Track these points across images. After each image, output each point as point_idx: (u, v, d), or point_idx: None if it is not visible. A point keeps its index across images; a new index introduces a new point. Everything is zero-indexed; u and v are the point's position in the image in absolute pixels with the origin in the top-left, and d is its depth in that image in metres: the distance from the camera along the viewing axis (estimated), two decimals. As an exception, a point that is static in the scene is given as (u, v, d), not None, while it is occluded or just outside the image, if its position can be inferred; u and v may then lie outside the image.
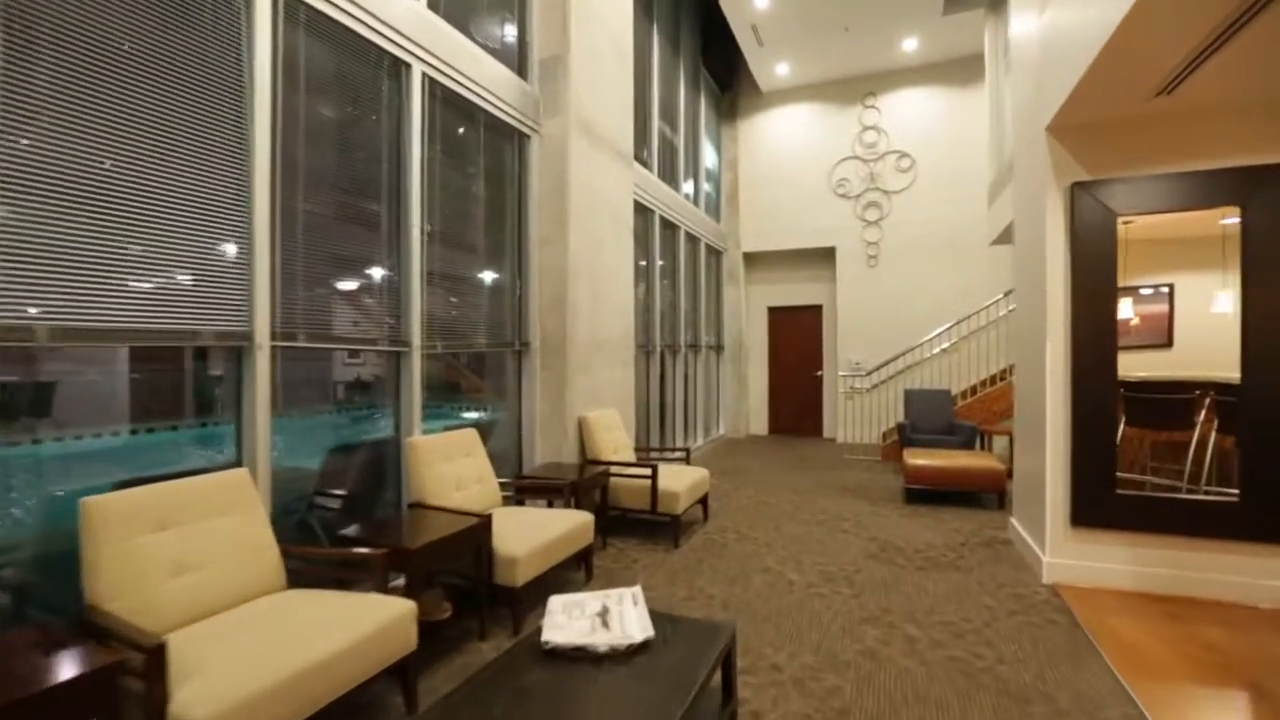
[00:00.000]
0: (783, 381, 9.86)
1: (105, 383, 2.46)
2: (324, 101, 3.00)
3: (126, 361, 2.45)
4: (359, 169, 3.21)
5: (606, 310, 5.05)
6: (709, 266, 9.07)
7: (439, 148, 3.74)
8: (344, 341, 3.07)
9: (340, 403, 3.61)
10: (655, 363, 6.91)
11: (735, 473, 6.78)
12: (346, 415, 3.51)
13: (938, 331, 7.80)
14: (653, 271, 6.88)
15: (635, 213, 6.38)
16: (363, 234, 3.23)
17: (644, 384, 6.85)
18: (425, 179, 3.57)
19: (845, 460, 7.52)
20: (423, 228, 3.52)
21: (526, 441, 4.54)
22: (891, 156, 8.85)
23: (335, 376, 3.53)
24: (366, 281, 3.25)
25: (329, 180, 3.04)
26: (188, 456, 2.62)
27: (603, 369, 4.97)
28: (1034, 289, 3.79)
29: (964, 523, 4.72)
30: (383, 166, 3.33)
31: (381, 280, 3.33)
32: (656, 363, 6.94)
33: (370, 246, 3.27)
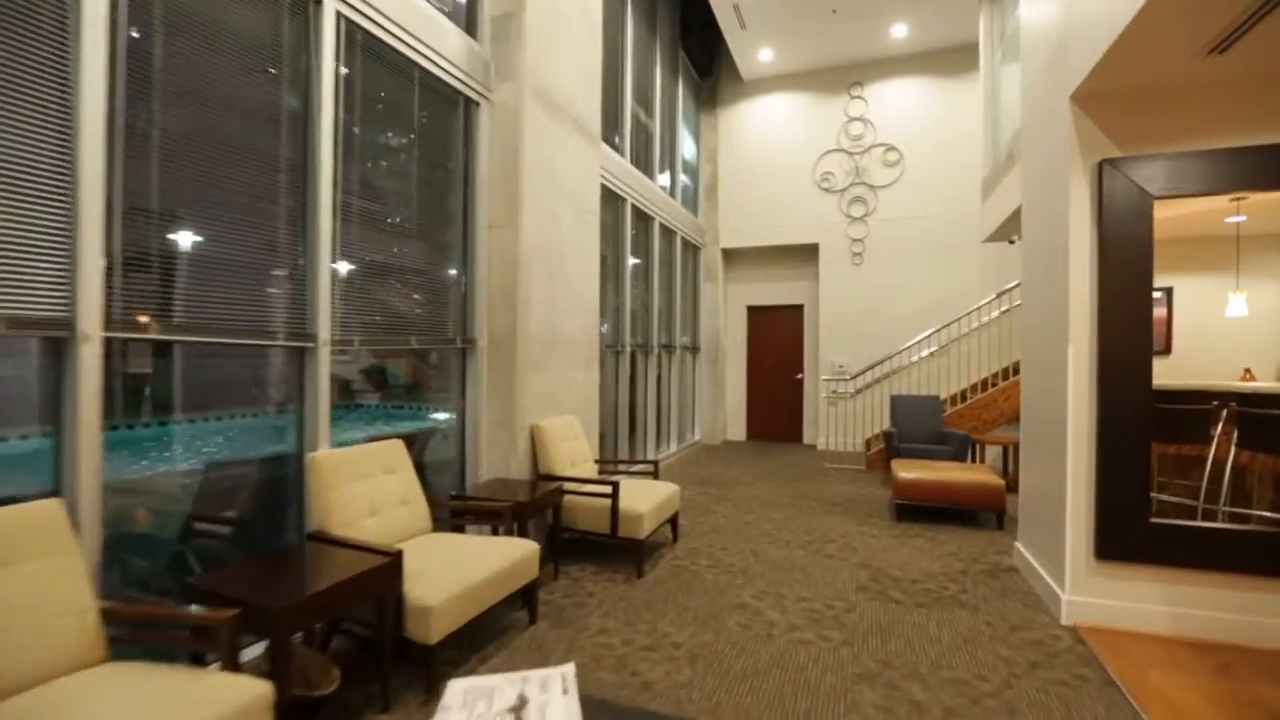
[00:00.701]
0: (762, 385, 9.38)
1: None
2: (192, 44, 2.40)
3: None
4: (246, 129, 2.61)
5: (566, 304, 4.49)
6: (685, 262, 8.55)
7: (361, 109, 3.15)
8: (218, 333, 2.47)
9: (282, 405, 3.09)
10: (625, 364, 6.36)
11: (710, 483, 6.26)
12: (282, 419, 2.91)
13: (926, 334, 7.36)
14: (623, 265, 6.33)
15: (604, 200, 5.83)
16: (253, 206, 2.63)
17: (612, 387, 6.29)
18: (340, 146, 2.98)
19: (828, 470, 7.05)
20: (336, 203, 2.93)
21: (471, 453, 3.95)
22: (878, 149, 8.41)
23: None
24: (257, 262, 2.65)
25: (197, 140, 2.44)
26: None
27: (561, 370, 4.41)
28: (1049, 284, 3.31)
29: (962, 545, 4.24)
30: (282, 129, 2.74)
31: (280, 262, 2.73)
32: (627, 364, 6.40)
33: (262, 221, 2.67)
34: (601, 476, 4.14)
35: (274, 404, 2.85)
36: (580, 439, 4.34)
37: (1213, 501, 3.65)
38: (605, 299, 6.02)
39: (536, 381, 4.09)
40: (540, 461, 3.96)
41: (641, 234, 7.00)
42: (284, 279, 2.73)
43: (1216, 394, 3.91)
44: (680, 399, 8.38)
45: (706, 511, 5.15)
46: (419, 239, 3.58)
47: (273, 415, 2.89)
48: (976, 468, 5.11)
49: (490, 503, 3.17)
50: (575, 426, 4.36)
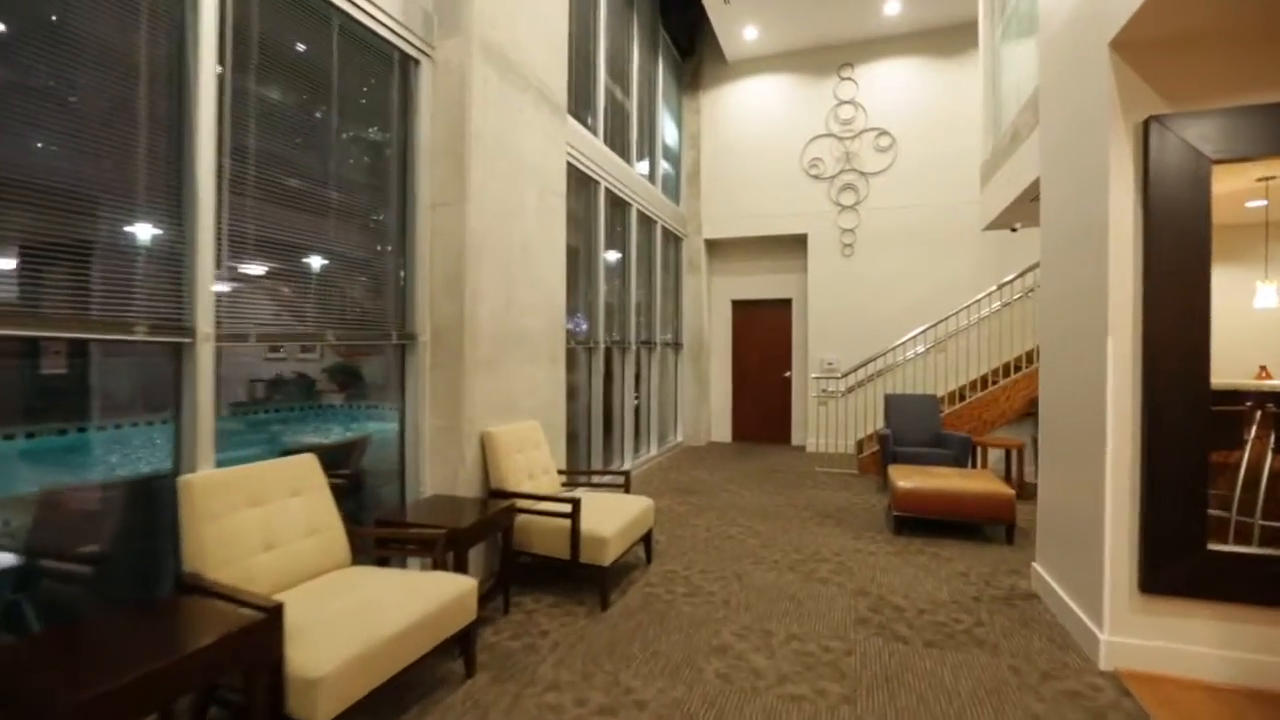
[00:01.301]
0: (748, 383, 8.91)
1: None
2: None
3: None
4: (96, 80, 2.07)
5: (526, 294, 3.98)
6: (666, 253, 8.05)
7: (259, 60, 2.61)
8: (56, 325, 1.92)
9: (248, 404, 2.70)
10: (600, 361, 5.85)
11: (692, 490, 5.77)
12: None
13: (921, 329, 6.91)
14: (596, 255, 5.82)
15: (574, 183, 5.32)
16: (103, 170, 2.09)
17: (585, 386, 5.78)
18: (229, 103, 2.43)
19: (818, 474, 6.58)
20: (221, 172, 2.39)
21: (412, 465, 3.42)
22: (869, 134, 7.95)
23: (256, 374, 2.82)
24: (113, 239, 2.10)
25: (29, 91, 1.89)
26: None
27: (520, 368, 3.89)
28: (1079, 265, 2.85)
29: (971, 564, 3.78)
30: (141, 78, 2.19)
31: (144, 239, 2.19)
32: (601, 361, 5.89)
33: (121, 189, 2.13)
34: (561, 494, 3.62)
35: (148, 412, 2.31)
36: (541, 447, 3.82)
37: (1246, 513, 3.22)
38: (577, 292, 5.51)
39: (489, 382, 3.57)
40: (491, 475, 3.44)
41: (618, 221, 6.48)
42: (150, 260, 2.19)
43: (1251, 394, 3.48)
44: (661, 399, 7.89)
45: (686, 524, 4.65)
46: (343, 217, 3.05)
47: (154, 425, 2.35)
48: (981, 475, 4.66)
49: (420, 530, 2.64)
50: (536, 433, 3.84)
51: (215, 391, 2.33)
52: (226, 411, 2.58)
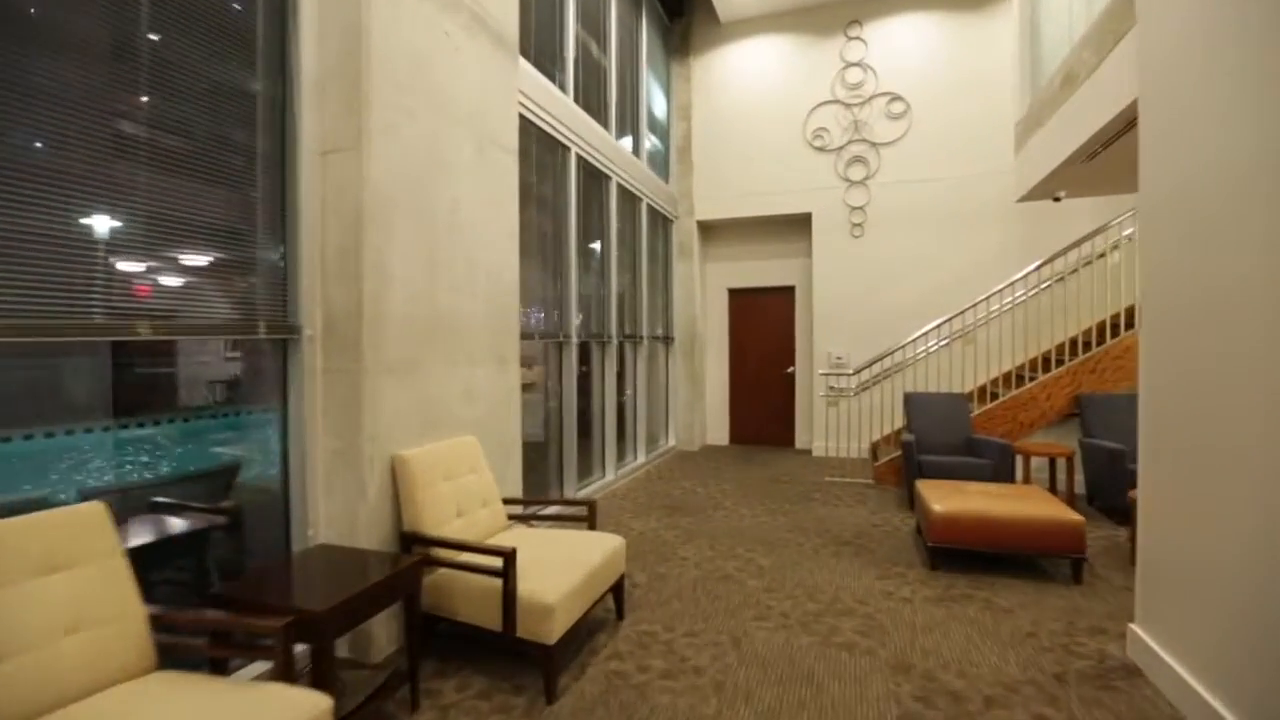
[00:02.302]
0: (747, 380, 8.05)
1: None
2: None
3: None
4: None
5: (459, 274, 3.11)
6: (655, 236, 7.17)
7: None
8: None
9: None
10: (573, 359, 4.98)
11: (681, 507, 4.91)
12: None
13: (945, 319, 6.04)
14: (567, 234, 4.95)
15: (535, 144, 4.44)
16: None
17: (556, 388, 4.92)
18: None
19: (828, 485, 5.73)
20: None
21: (298, 501, 2.56)
22: (880, 100, 7.07)
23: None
24: None
25: None
26: None
27: (450, 370, 3.02)
28: (1228, 202, 1.98)
29: (1038, 618, 2.93)
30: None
31: None
32: (575, 359, 5.02)
33: None
34: (499, 535, 2.75)
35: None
36: (479, 471, 2.95)
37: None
38: (542, 277, 4.64)
39: (402, 388, 2.70)
40: (405, 512, 2.57)
41: (594, 196, 5.61)
42: None
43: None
44: (650, 399, 7.03)
45: (671, 557, 3.80)
46: (176, 164, 2.17)
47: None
48: (1034, 493, 3.80)
49: (252, 619, 1.76)
50: (472, 452, 2.97)
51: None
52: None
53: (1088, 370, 5.32)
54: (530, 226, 4.56)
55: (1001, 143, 6.56)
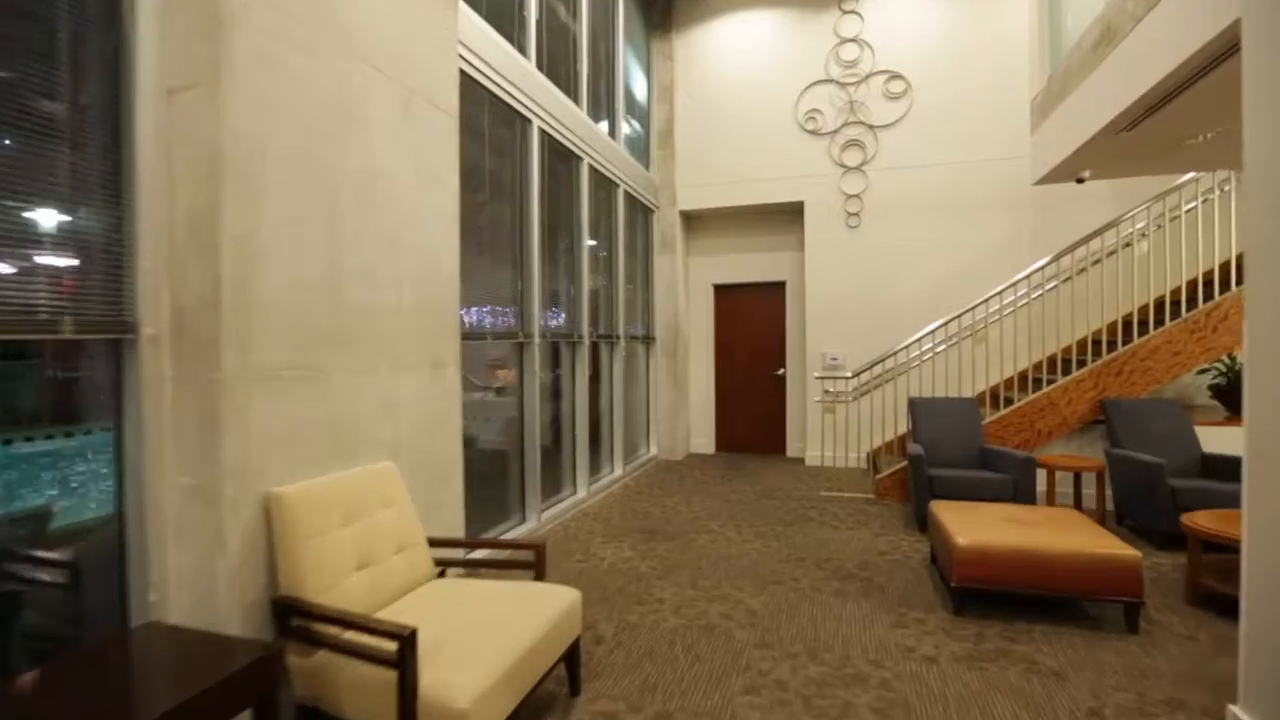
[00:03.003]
0: (734, 383, 7.46)
1: None
2: None
3: None
4: None
5: (377, 258, 2.47)
6: (633, 227, 6.56)
7: None
8: None
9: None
10: (535, 361, 4.35)
11: (660, 531, 4.30)
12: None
13: (953, 316, 5.47)
14: (529, 219, 4.32)
15: (497, 117, 3.82)
16: None
17: (515, 394, 4.29)
18: None
19: (825, 501, 5.15)
20: None
21: (137, 558, 1.92)
22: (878, 79, 6.51)
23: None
24: None
25: None
26: None
27: (358, 378, 2.38)
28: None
29: (1096, 685, 2.35)
30: None
31: None
32: (539, 361, 4.39)
33: None
34: (396, 608, 2.09)
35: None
36: (397, 506, 2.31)
37: None
38: (500, 270, 4.01)
39: (287, 401, 2.06)
40: (282, 570, 1.93)
41: (563, 179, 4.99)
42: None
43: None
44: (628, 404, 6.41)
45: (645, 598, 3.19)
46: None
47: None
48: (1073, 519, 3.23)
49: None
50: (388, 484, 2.33)
51: None
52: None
53: (1112, 373, 4.78)
54: (484, 210, 3.94)
55: (1010, 125, 6.03)
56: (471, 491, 3.55)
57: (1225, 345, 4.62)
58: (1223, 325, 4.62)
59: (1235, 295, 4.59)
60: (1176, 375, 4.72)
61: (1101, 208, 5.67)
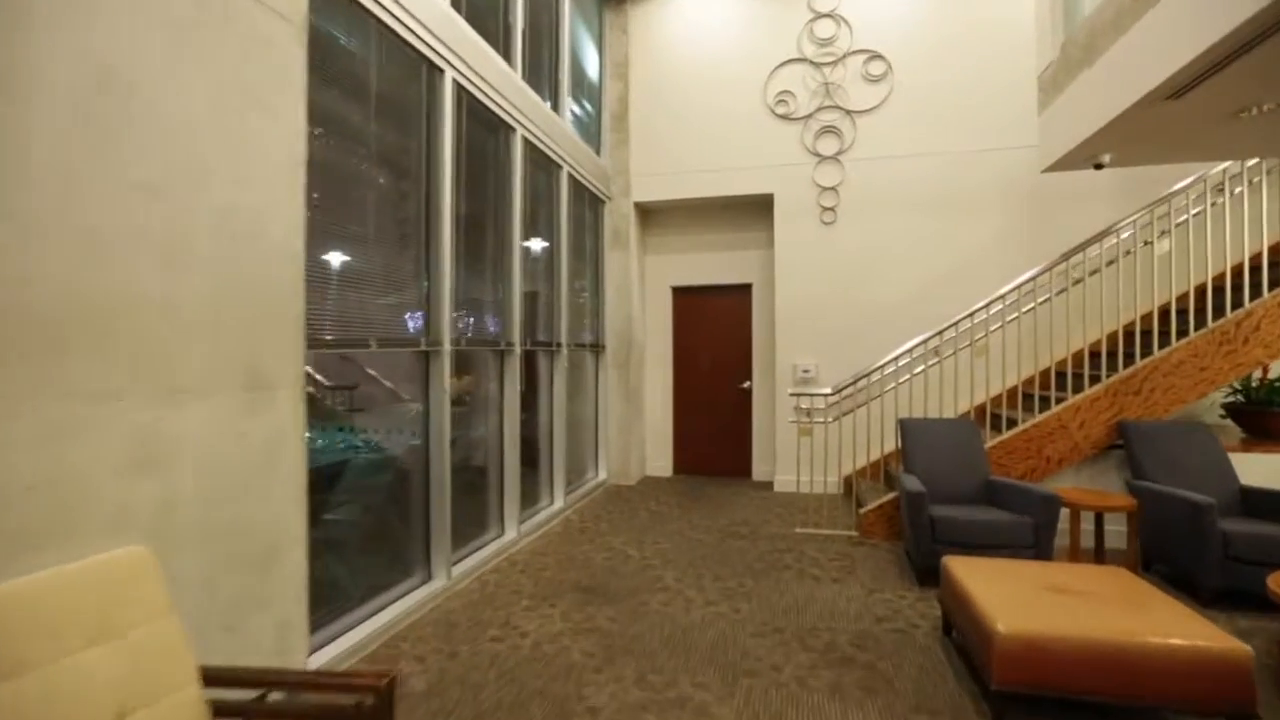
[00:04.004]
0: (695, 397, 6.64)
1: None
2: None
3: None
4: None
5: (128, 214, 1.54)
6: (581, 219, 5.70)
7: None
8: None
9: None
10: (444, 374, 3.42)
11: (603, 590, 3.42)
12: None
13: (939, 329, 4.76)
14: (438, 200, 3.40)
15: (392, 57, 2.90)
16: None
17: (419, 418, 3.36)
18: None
19: (802, 541, 4.35)
20: None
21: None
22: (856, 59, 5.82)
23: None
24: None
25: None
26: None
27: (75, 408, 1.44)
28: None
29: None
30: None
31: None
32: (448, 376, 3.47)
33: None
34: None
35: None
36: (149, 624, 1.37)
37: None
38: (391, 259, 3.09)
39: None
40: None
41: (490, 152, 4.10)
42: None
43: None
44: (573, 422, 5.52)
45: (574, 703, 2.30)
46: None
47: None
48: (1134, 587, 2.48)
49: None
50: (125, 591, 1.38)
51: None
52: None
53: (1130, 391, 4.13)
54: (371, 183, 3.02)
55: (1004, 111, 5.40)
56: (344, 555, 2.63)
57: (1256, 359, 4.02)
58: (1254, 336, 4.01)
59: (1270, 301, 3.99)
60: (1203, 394, 4.10)
61: (1099, 207, 5.08)
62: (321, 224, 2.51)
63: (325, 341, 2.55)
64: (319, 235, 2.47)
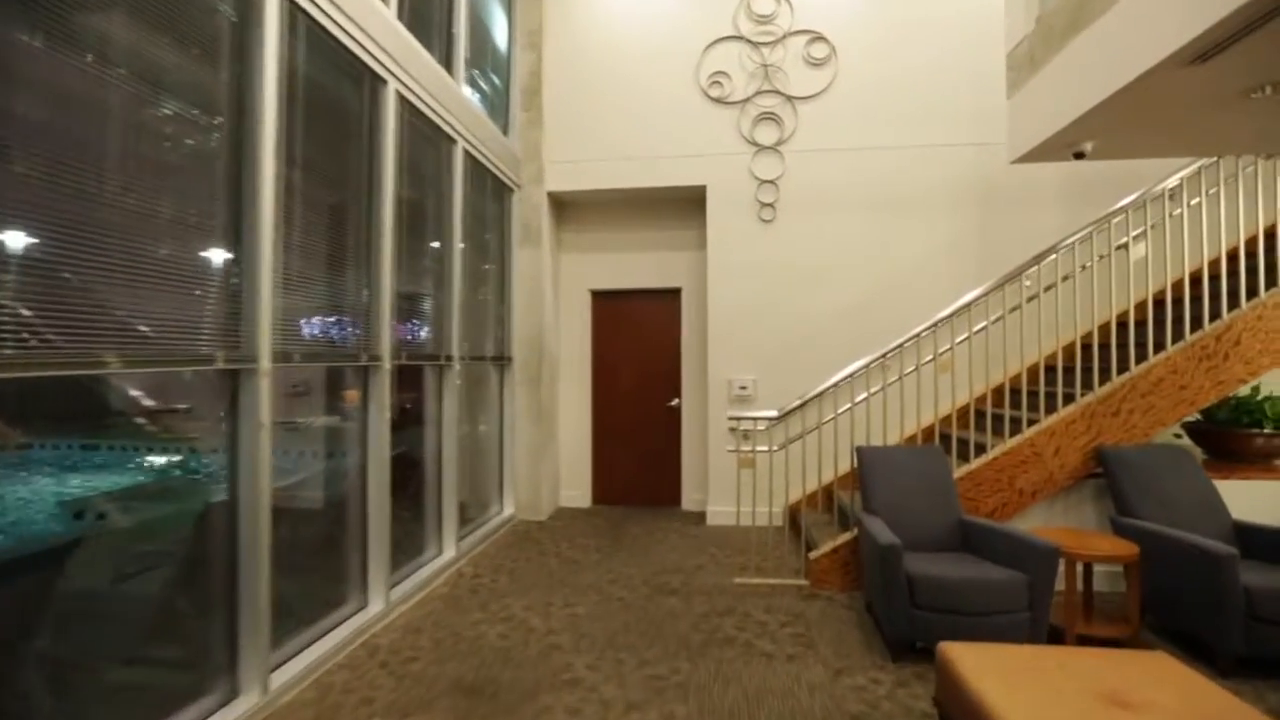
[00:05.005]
0: (616, 417, 5.82)
1: None
2: None
3: None
4: None
5: None
6: (482, 207, 4.77)
7: None
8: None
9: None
10: (259, 404, 2.44)
11: (490, 690, 2.52)
12: None
13: (897, 344, 4.15)
14: (254, 156, 2.42)
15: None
16: None
17: (231, 462, 2.36)
18: None
19: (745, 595, 3.60)
20: None
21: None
22: (797, 40, 5.22)
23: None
24: None
25: None
26: None
27: None
28: None
29: None
30: None
31: None
32: (264, 406, 2.48)
33: None
34: None
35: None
36: None
37: None
38: (180, 244, 2.08)
39: None
40: None
41: (348, 109, 3.13)
42: None
43: None
44: (470, 449, 4.57)
45: None
46: None
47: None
48: (1197, 687, 1.85)
49: None
50: None
51: None
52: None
53: (1108, 412, 3.65)
54: (147, 128, 2.02)
55: (959, 104, 4.95)
56: (98, 669, 1.64)
57: (1238, 376, 3.62)
58: (1234, 352, 3.61)
59: (1249, 313, 3.60)
60: (1183, 415, 3.67)
61: (1054, 212, 4.70)
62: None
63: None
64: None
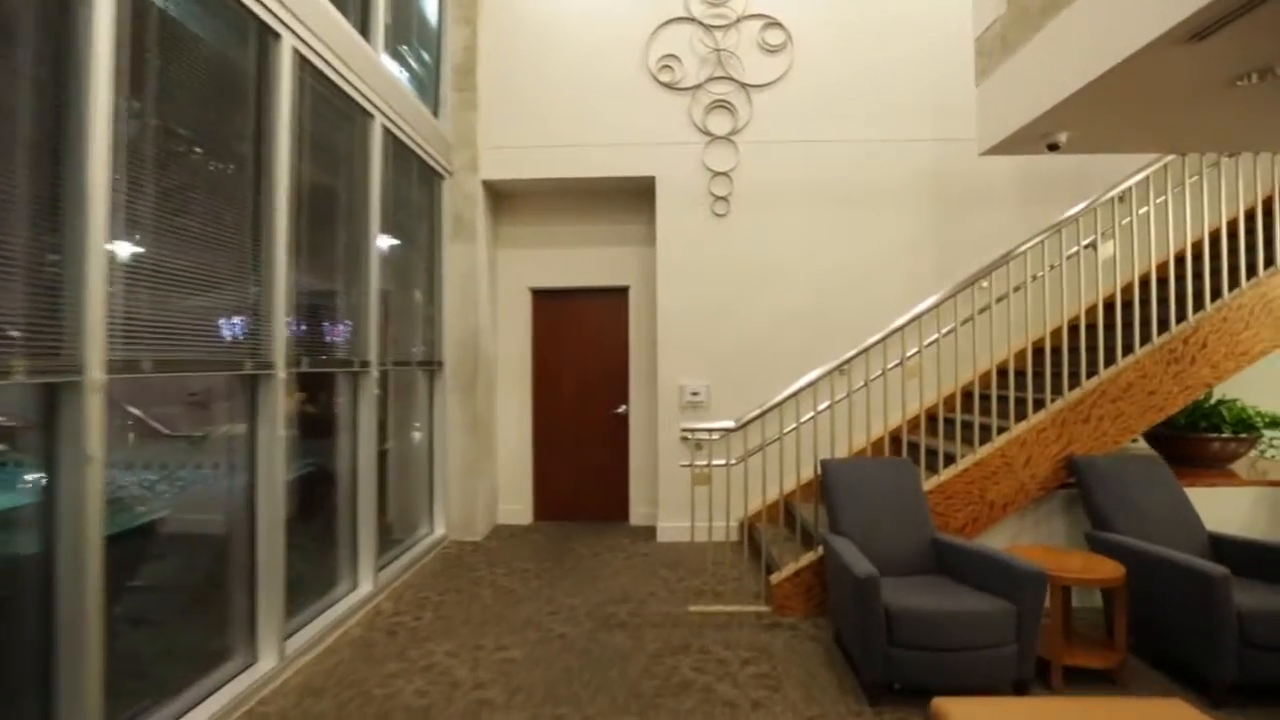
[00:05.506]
0: (559, 426, 5.39)
1: None
2: None
3: None
4: None
5: None
6: (405, 197, 4.26)
7: None
8: None
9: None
10: (87, 430, 1.91)
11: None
12: None
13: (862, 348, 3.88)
14: (84, 118, 1.90)
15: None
16: None
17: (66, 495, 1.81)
18: None
19: (702, 626, 3.23)
20: None
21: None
22: (752, 24, 4.92)
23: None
24: None
25: None
26: None
27: None
28: None
29: None
30: None
31: None
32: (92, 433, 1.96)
33: None
34: None
35: None
36: None
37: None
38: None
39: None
40: None
41: (235, 72, 2.60)
42: None
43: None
44: (394, 464, 4.06)
45: None
46: None
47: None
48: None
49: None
50: None
51: None
52: None
53: (1079, 419, 3.46)
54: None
55: (919, 97, 4.75)
56: None
57: (1203, 380, 3.50)
58: (1201, 355, 3.49)
59: (1214, 315, 3.49)
60: (1152, 422, 3.52)
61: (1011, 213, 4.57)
62: None
63: None
64: None
